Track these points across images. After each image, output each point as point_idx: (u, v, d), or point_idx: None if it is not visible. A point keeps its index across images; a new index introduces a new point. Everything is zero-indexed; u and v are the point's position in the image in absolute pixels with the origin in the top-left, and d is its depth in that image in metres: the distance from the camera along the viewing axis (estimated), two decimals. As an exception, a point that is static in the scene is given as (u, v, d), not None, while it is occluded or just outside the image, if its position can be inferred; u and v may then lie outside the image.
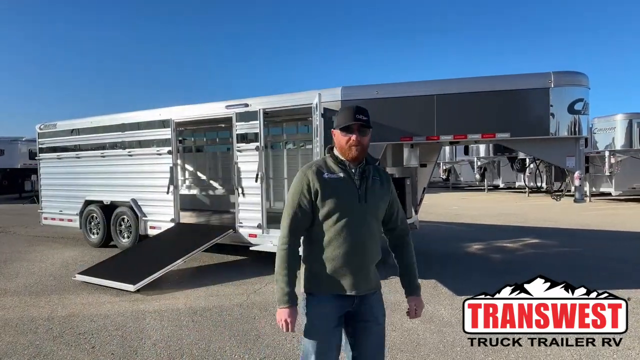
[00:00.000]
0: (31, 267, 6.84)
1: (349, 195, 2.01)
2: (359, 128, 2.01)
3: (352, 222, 1.99)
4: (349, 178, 2.03)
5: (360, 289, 2.03)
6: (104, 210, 8.26)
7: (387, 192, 2.13)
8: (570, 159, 5.24)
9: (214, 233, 6.71)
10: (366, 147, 2.05)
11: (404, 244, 2.23)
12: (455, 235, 9.59)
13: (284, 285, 2.01)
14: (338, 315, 2.05)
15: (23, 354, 3.70)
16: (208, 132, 10.44)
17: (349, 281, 2.01)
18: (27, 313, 4.72)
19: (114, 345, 3.84)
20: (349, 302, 2.04)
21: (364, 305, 2.06)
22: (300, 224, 2.04)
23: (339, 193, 2.00)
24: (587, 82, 5.34)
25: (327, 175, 2.03)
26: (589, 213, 13.01)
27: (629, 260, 6.79)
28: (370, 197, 2.03)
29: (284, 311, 2.01)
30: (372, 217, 2.05)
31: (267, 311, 4.64)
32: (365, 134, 2.04)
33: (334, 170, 2.05)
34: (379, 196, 2.08)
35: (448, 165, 28.61)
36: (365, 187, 2.03)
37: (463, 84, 5.52)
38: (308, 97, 5.99)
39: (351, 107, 2.04)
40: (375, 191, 2.07)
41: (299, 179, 2.06)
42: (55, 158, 9.25)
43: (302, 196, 2.02)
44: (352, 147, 2.01)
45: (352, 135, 2.00)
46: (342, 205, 1.99)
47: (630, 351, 3.58)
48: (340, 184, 2.02)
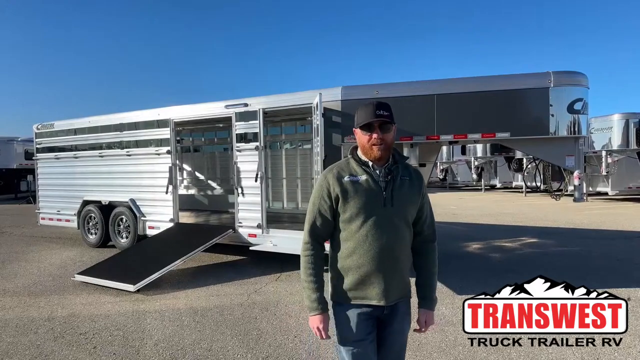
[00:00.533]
0: (29, 268, 6.81)
1: (373, 199, 1.87)
2: (380, 125, 1.86)
3: (377, 228, 1.85)
4: (372, 180, 1.89)
5: (390, 298, 1.90)
6: (102, 211, 8.23)
7: (417, 193, 1.96)
8: (570, 158, 5.27)
9: (213, 233, 6.70)
10: (390, 145, 1.91)
11: (427, 251, 2.06)
12: (454, 234, 9.61)
13: (310, 292, 1.93)
14: (368, 324, 1.93)
15: (24, 355, 3.68)
16: (206, 132, 10.43)
17: (376, 290, 1.88)
18: (27, 313, 4.70)
19: (116, 346, 3.83)
20: (378, 312, 1.93)
21: (393, 315, 1.96)
22: (321, 229, 1.95)
23: (361, 197, 1.87)
24: (586, 81, 5.37)
25: (348, 179, 1.90)
26: (587, 212, 13.08)
27: (628, 260, 6.82)
28: (397, 200, 1.89)
29: (314, 319, 1.93)
30: (400, 221, 1.90)
31: (268, 311, 4.64)
32: (388, 131, 1.89)
33: (356, 173, 1.92)
34: (407, 198, 1.92)
35: (445, 165, 28.69)
36: (392, 189, 1.89)
37: (463, 83, 5.53)
38: (308, 97, 5.99)
39: (371, 103, 1.88)
40: (404, 193, 1.92)
41: (320, 184, 1.96)
42: (53, 158, 9.20)
43: (323, 201, 1.93)
44: (373, 146, 1.88)
45: (374, 134, 1.86)
46: (365, 210, 1.86)
47: (631, 349, 3.60)
48: (363, 187, 1.88)
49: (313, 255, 1.95)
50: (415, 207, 1.96)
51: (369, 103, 1.89)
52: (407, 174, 1.96)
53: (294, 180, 8.83)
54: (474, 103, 5.42)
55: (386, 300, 1.89)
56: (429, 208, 2.06)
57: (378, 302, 1.89)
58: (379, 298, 1.89)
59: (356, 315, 1.92)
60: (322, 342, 3.79)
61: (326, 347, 3.70)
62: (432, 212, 2.09)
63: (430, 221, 2.06)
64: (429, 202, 2.06)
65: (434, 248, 2.08)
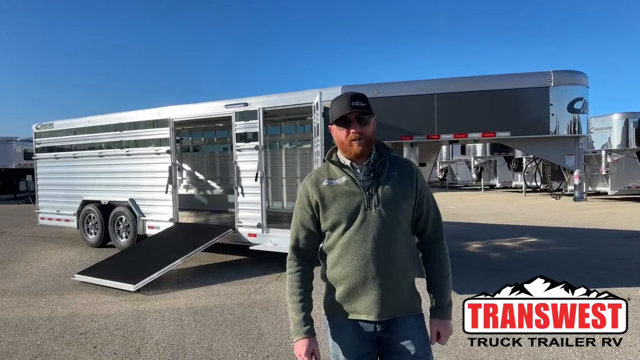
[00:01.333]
0: (29, 268, 6.80)
1: (354, 202, 1.68)
2: (357, 118, 1.68)
3: (361, 233, 1.66)
4: (352, 181, 1.71)
5: (383, 313, 1.67)
6: (101, 210, 8.23)
7: (408, 187, 1.73)
8: (570, 157, 5.28)
9: (213, 232, 6.69)
10: (371, 139, 1.71)
11: (434, 252, 1.82)
12: (453, 234, 9.61)
13: (294, 314, 1.74)
14: (361, 343, 1.72)
15: (24, 354, 3.68)
16: (206, 132, 10.43)
17: (365, 303, 1.67)
18: (27, 313, 4.69)
19: (116, 345, 3.82)
20: (371, 328, 1.70)
21: (393, 333, 1.70)
22: (306, 243, 1.79)
23: (341, 201, 1.69)
24: (586, 81, 5.38)
25: (326, 183, 1.73)
26: (586, 212, 13.09)
27: (628, 259, 6.82)
28: (384, 199, 1.68)
29: (298, 344, 1.71)
30: (391, 223, 1.68)
31: (269, 310, 4.64)
32: (367, 123, 1.70)
33: (335, 176, 1.74)
34: (397, 194, 1.70)
35: (445, 165, 28.69)
36: (377, 187, 1.69)
37: (463, 83, 5.53)
38: (308, 96, 5.99)
39: (345, 95, 1.70)
40: (392, 190, 1.70)
41: (300, 194, 1.80)
42: (52, 158, 9.20)
43: (304, 212, 1.77)
44: (353, 142, 1.69)
45: (351, 129, 1.68)
46: (347, 215, 1.68)
47: (632, 348, 3.60)
48: (342, 190, 1.70)
49: (298, 272, 1.77)
50: (409, 204, 1.73)
51: (343, 95, 1.71)
52: (394, 168, 1.74)
53: (293, 179, 8.82)
54: (474, 102, 5.43)
55: (377, 315, 1.67)
56: (432, 202, 1.81)
57: (367, 317, 1.68)
58: (367, 312, 1.67)
59: (347, 332, 1.73)
60: (322, 341, 3.79)
61: (327, 347, 3.69)
62: (437, 207, 1.84)
63: (435, 217, 1.82)
64: (429, 195, 1.80)
65: (442, 247, 1.83)
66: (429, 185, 2.07)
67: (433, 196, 1.84)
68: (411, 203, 1.74)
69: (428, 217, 1.80)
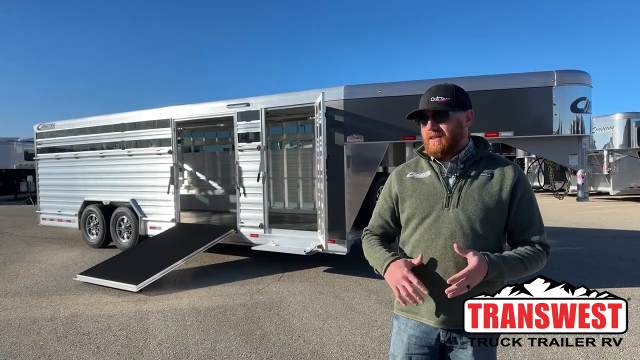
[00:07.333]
0: (31, 268, 6.80)
1: (432, 199, 1.58)
2: (434, 113, 1.58)
3: (432, 232, 1.56)
4: (436, 177, 1.60)
5: (444, 321, 1.56)
6: (103, 211, 8.22)
7: (501, 192, 1.55)
8: (573, 157, 5.26)
9: (215, 233, 6.69)
10: (450, 137, 1.58)
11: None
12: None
13: (377, 254, 1.64)
14: (421, 347, 1.61)
15: (27, 355, 3.68)
16: (207, 132, 10.43)
17: (427, 306, 1.56)
18: (30, 314, 4.69)
19: (119, 346, 3.82)
20: (432, 334, 1.59)
21: (455, 347, 1.59)
22: (381, 231, 1.76)
23: (419, 196, 1.60)
24: (589, 80, 5.36)
25: (410, 175, 1.66)
26: (588, 212, 13.08)
27: (628, 259, 6.82)
28: (466, 201, 1.54)
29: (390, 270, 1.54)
30: (468, 228, 1.53)
31: (272, 311, 4.63)
32: (445, 120, 1.58)
33: (422, 169, 1.67)
34: (484, 198, 1.54)
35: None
36: (461, 187, 1.56)
37: (466, 82, 5.47)
38: (311, 96, 5.98)
39: (430, 89, 1.61)
40: (478, 192, 1.55)
41: (386, 182, 1.76)
42: (54, 158, 9.20)
43: (384, 200, 1.74)
44: (430, 139, 1.60)
45: (426, 125, 1.60)
46: (422, 211, 1.58)
47: (637, 348, 3.60)
48: (424, 184, 1.61)
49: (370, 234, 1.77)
50: (498, 212, 1.55)
51: (429, 89, 1.62)
52: (489, 169, 1.59)
53: (295, 180, 8.82)
54: (477, 102, 5.34)
55: (438, 321, 1.56)
56: (535, 213, 1.59)
57: (427, 321, 1.58)
58: (428, 316, 1.57)
59: (406, 333, 1.64)
60: (325, 341, 3.79)
61: (330, 347, 3.70)
62: (541, 222, 1.61)
63: (538, 229, 1.59)
64: (532, 207, 1.58)
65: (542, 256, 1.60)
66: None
67: (538, 208, 1.62)
68: (502, 211, 1.56)
69: (525, 232, 1.58)
